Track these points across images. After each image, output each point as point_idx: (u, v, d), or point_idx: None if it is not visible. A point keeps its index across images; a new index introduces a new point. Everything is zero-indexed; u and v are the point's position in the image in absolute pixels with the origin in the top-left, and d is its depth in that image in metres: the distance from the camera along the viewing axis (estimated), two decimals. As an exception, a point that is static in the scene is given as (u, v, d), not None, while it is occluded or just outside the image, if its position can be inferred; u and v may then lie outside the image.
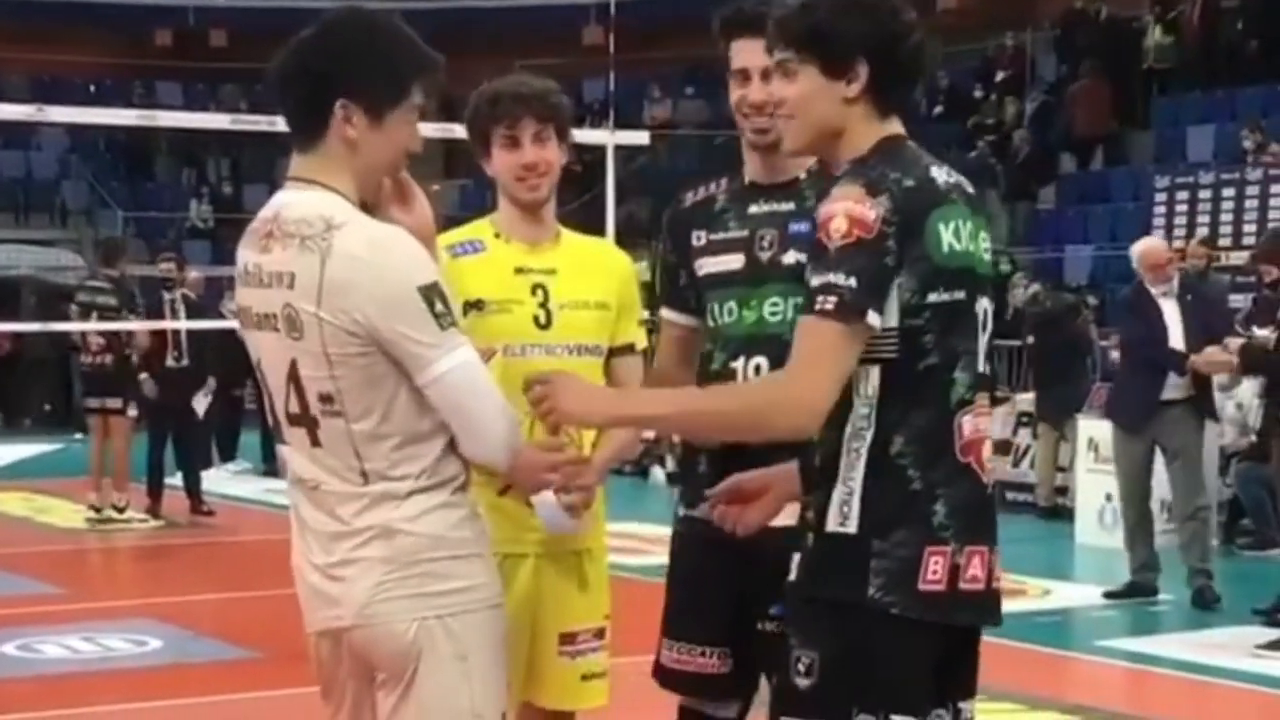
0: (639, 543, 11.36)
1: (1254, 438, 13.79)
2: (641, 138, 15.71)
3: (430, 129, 5.59)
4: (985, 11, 29.03)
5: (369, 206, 3.63)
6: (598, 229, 15.04)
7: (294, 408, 3.58)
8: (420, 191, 3.77)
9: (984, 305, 3.58)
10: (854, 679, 3.44)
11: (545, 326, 4.55)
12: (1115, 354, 17.36)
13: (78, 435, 25.24)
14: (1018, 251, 20.91)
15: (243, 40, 33.54)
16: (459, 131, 13.06)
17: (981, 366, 3.57)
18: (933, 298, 3.46)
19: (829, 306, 3.38)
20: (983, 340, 3.58)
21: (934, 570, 3.44)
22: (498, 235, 4.65)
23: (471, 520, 3.62)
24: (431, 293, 3.46)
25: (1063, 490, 15.93)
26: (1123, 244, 21.90)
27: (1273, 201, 19.19)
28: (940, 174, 3.55)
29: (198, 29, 34.44)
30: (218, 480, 17.79)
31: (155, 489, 15.41)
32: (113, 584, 13.29)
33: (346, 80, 3.54)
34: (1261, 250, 12.08)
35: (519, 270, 4.59)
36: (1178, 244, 19.17)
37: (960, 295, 3.51)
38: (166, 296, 15.47)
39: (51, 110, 15.91)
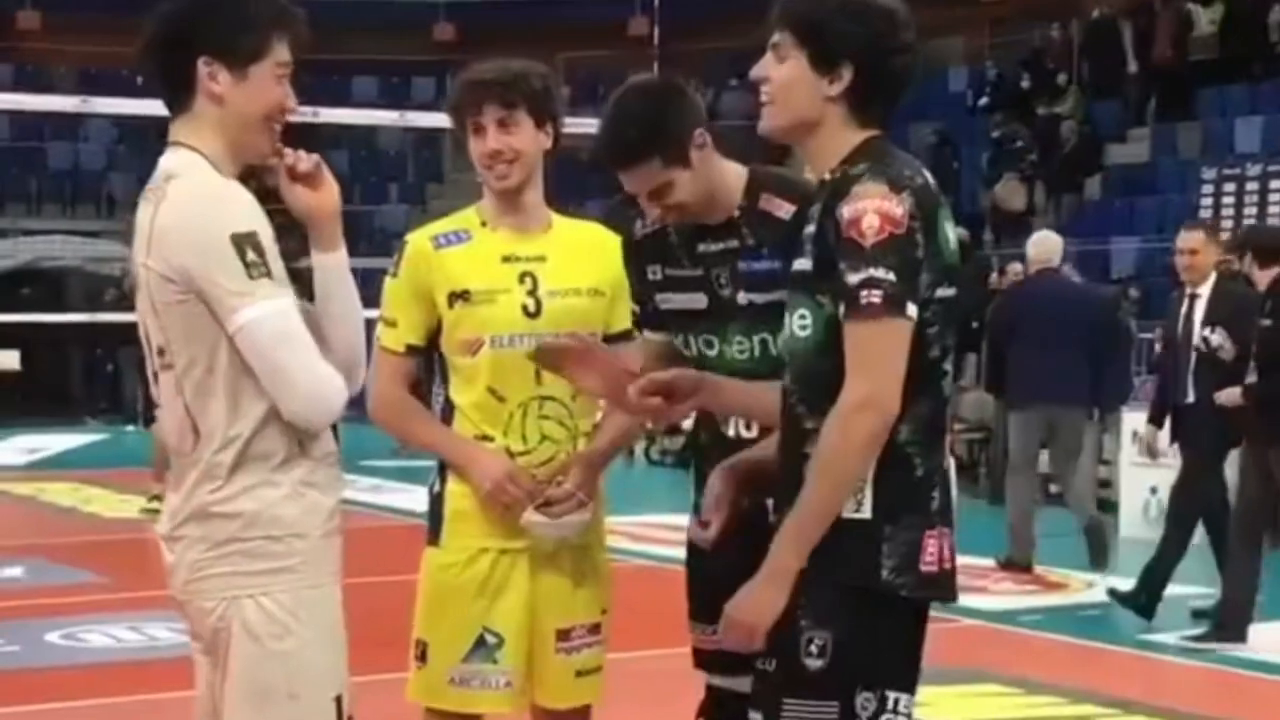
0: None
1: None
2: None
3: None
4: (1030, 3, 28.91)
5: (257, 173, 3.68)
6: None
7: (152, 366, 3.63)
8: (330, 178, 3.77)
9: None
10: (862, 659, 3.54)
11: (534, 315, 4.47)
12: (1159, 347, 17.37)
13: (129, 427, 25.47)
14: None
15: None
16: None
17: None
18: (939, 293, 3.58)
19: (876, 300, 3.46)
20: None
21: (931, 553, 3.58)
22: (484, 224, 4.57)
23: (294, 499, 3.58)
24: (244, 241, 3.45)
25: (1105, 483, 15.88)
26: (1169, 236, 21.86)
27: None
28: (928, 174, 3.66)
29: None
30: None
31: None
32: (159, 574, 13.06)
33: (205, 37, 3.61)
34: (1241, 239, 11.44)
35: (506, 258, 4.51)
36: (1224, 235, 19.11)
37: (954, 291, 3.63)
38: None
39: (99, 102, 15.93)
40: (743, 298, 4.31)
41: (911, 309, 3.49)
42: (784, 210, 4.26)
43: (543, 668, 4.57)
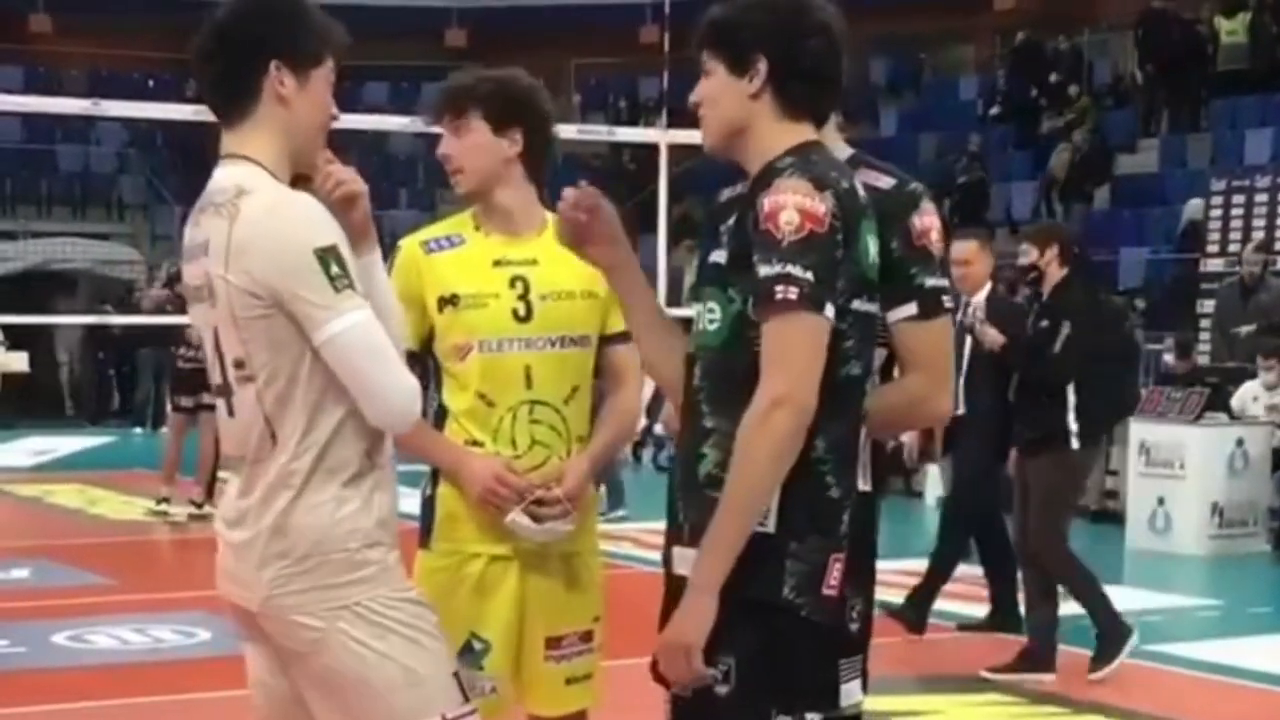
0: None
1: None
2: (695, 137, 15.59)
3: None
4: (1042, 12, 28.94)
5: (304, 183, 3.72)
6: (650, 228, 15.08)
7: (218, 378, 3.68)
8: (365, 199, 3.84)
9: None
10: (771, 680, 3.45)
11: (525, 319, 4.44)
12: (1168, 357, 17.39)
13: (137, 429, 25.51)
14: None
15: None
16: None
17: None
18: (856, 305, 3.50)
19: (792, 296, 3.36)
20: None
21: (834, 577, 3.48)
22: (478, 228, 4.55)
23: (366, 510, 3.64)
24: (328, 255, 3.52)
25: (1112, 494, 15.90)
26: (1179, 246, 21.86)
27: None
28: (857, 183, 3.57)
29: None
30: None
31: (212, 481, 15.49)
32: (165, 576, 13.35)
33: (275, 40, 3.67)
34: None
35: (498, 263, 4.48)
36: (1233, 247, 19.13)
37: (874, 308, 3.57)
38: None
39: (109, 105, 15.92)
40: None
41: (829, 310, 3.39)
42: None
43: (532, 675, 4.55)
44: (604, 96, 34.20)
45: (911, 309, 3.75)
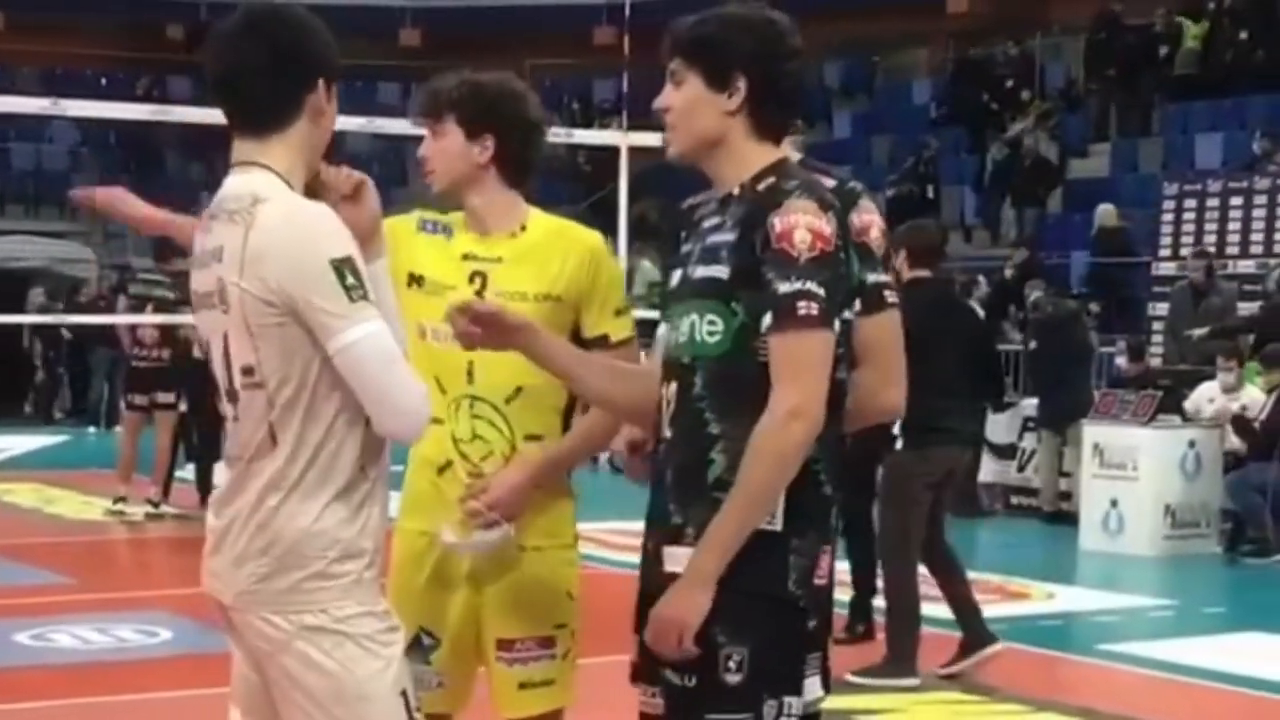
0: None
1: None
2: (654, 139, 15.62)
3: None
4: (994, 16, 29.10)
5: (311, 190, 3.77)
6: (609, 229, 15.12)
7: (224, 383, 3.72)
8: (372, 189, 3.87)
9: None
10: (771, 668, 3.65)
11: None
12: (1120, 360, 17.55)
13: (90, 429, 25.46)
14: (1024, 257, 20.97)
15: (254, 35, 33.69)
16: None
17: None
18: (846, 315, 3.72)
19: (813, 312, 3.57)
20: None
21: (824, 568, 3.72)
22: (464, 224, 4.60)
23: (351, 521, 3.68)
24: (344, 266, 3.57)
25: (1066, 495, 16.05)
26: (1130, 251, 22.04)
27: (1280, 210, 19.28)
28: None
29: (209, 23, 34.40)
30: (218, 474, 17.74)
31: (169, 480, 15.50)
32: (125, 575, 13.36)
33: (327, 60, 3.75)
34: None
35: (465, 257, 4.52)
36: (1185, 251, 19.30)
37: (850, 317, 3.76)
38: None
39: (67, 104, 15.85)
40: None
41: (836, 325, 3.63)
42: None
43: (489, 674, 4.57)
44: (559, 98, 34.22)
45: (855, 305, 3.88)
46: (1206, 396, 14.92)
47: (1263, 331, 15.80)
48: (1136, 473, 14.31)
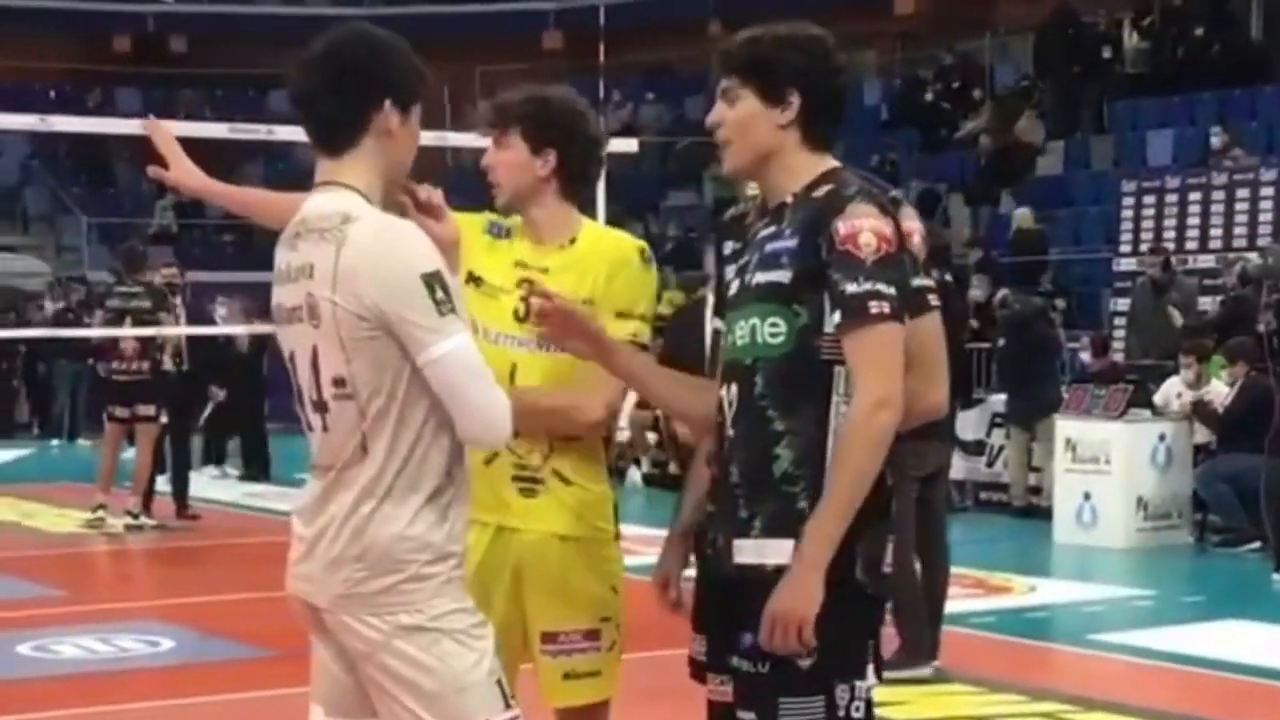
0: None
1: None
2: (631, 145, 15.54)
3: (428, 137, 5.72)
4: (942, 17, 29.31)
5: (391, 206, 3.93)
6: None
7: (314, 395, 3.85)
8: (449, 211, 4.06)
9: None
10: (842, 653, 3.82)
11: (522, 320, 4.59)
12: (1085, 355, 17.74)
13: (54, 441, 25.41)
14: (980, 255, 21.11)
15: (202, 46, 33.57)
16: (452, 140, 12.85)
17: None
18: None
19: (886, 310, 3.76)
20: None
21: (889, 555, 3.89)
22: (523, 231, 4.72)
23: (439, 525, 3.81)
24: (434, 280, 3.70)
25: (1035, 490, 16.23)
26: (1086, 248, 22.28)
27: (1238, 205, 19.47)
28: None
29: (157, 35, 34.46)
30: (196, 484, 17.74)
31: (150, 492, 15.52)
32: (114, 586, 13.39)
33: (391, 80, 3.88)
34: None
35: (518, 263, 4.66)
36: (1144, 247, 19.53)
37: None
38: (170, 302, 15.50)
39: (14, 118, 15.85)
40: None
41: (906, 320, 3.83)
42: None
43: (535, 665, 4.66)
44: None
45: None
46: (1175, 390, 15.12)
47: (1225, 326, 15.99)
48: (1109, 466, 14.50)
